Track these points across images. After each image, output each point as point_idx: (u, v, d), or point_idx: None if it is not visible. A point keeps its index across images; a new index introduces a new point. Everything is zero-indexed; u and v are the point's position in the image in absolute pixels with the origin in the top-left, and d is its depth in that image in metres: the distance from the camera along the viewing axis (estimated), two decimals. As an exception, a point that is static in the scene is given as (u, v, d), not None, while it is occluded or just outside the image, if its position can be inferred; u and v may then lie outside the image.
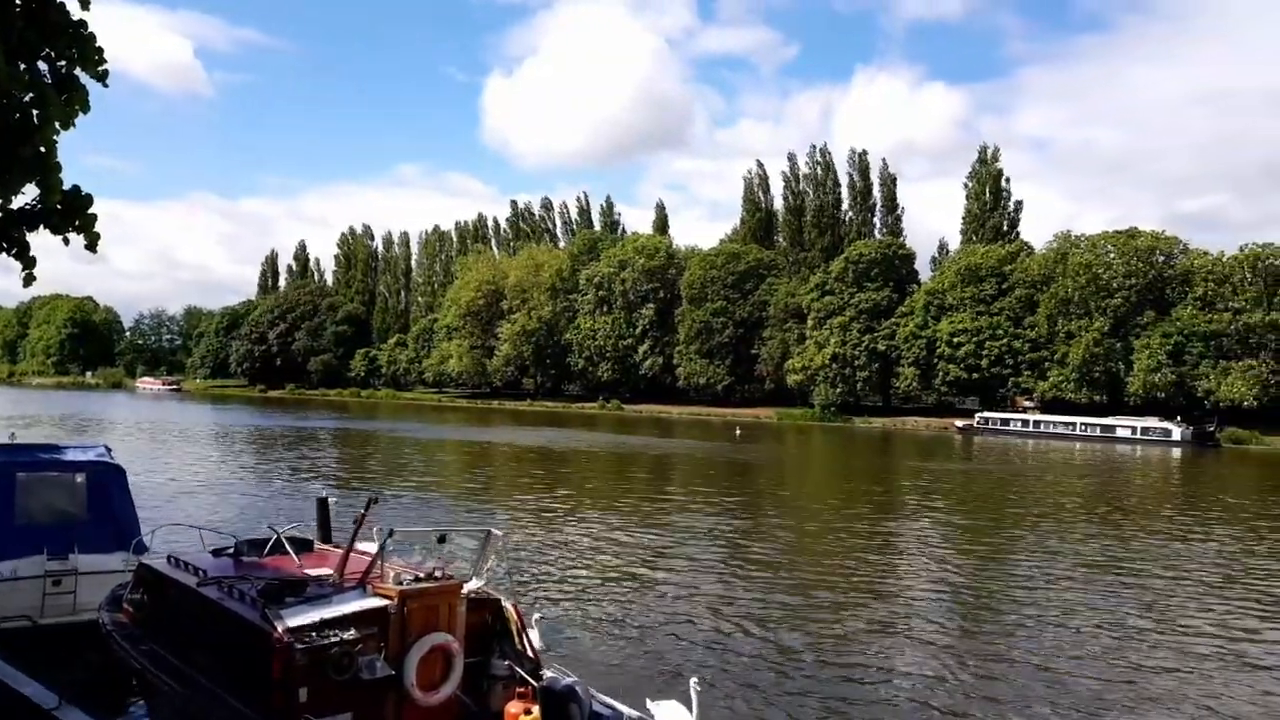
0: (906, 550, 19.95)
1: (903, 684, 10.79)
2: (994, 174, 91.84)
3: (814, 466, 44.95)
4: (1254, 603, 15.69)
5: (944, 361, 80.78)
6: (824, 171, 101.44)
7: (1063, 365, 75.17)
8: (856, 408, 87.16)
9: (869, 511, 26.05)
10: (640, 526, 21.34)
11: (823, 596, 14.98)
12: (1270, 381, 67.45)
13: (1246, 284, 69.87)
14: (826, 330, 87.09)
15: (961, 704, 10.17)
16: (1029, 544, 21.10)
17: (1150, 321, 72.61)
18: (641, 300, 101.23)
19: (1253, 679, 11.45)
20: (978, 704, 10.18)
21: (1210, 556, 19.97)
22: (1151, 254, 74.90)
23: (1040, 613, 14.40)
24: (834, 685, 10.66)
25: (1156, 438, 64.49)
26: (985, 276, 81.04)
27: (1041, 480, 38.38)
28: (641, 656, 11.41)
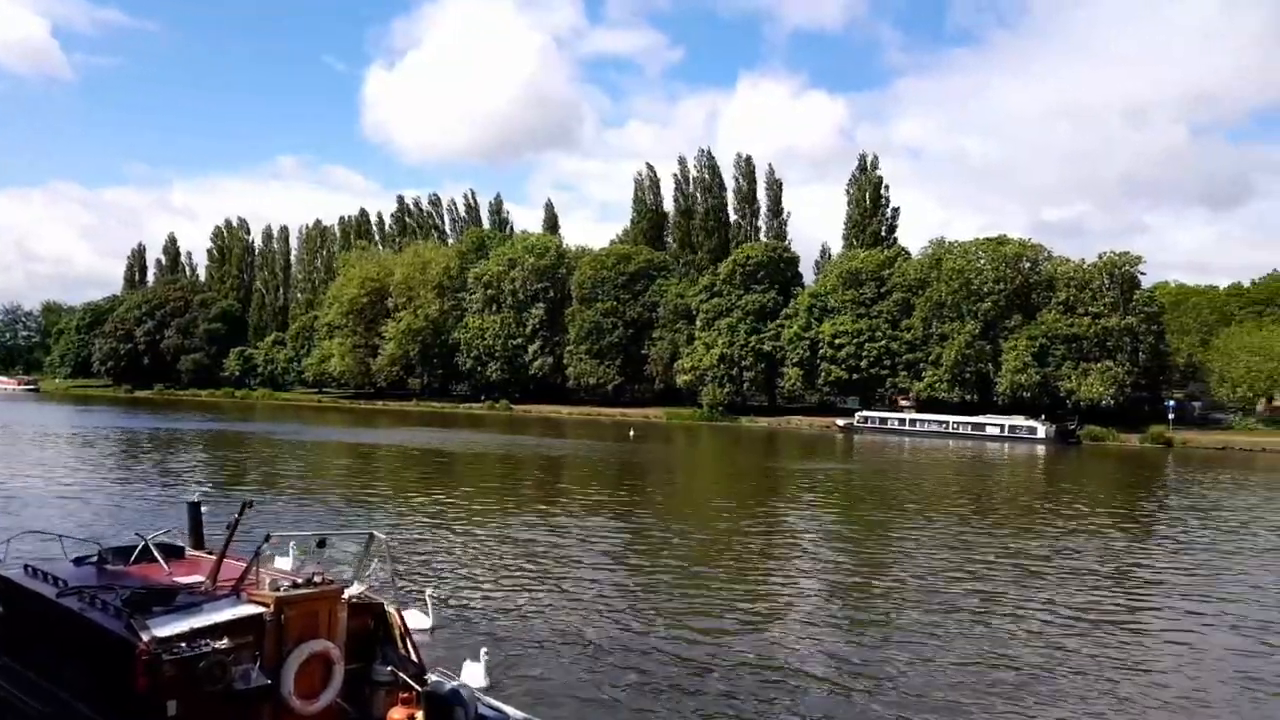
0: (791, 547, 20.43)
1: (781, 674, 11.02)
2: (874, 181, 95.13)
3: (705, 466, 45.57)
4: (1120, 586, 16.72)
5: (826, 362, 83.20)
6: (711, 175, 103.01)
7: (937, 366, 78.48)
8: (743, 407, 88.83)
9: (757, 509, 26.57)
10: (532, 527, 21.16)
11: (710, 592, 15.16)
12: (1125, 382, 72.06)
13: (1105, 290, 74.41)
14: (714, 331, 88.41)
15: (845, 689, 10.47)
16: (907, 538, 21.91)
17: (1017, 325, 76.53)
18: (531, 300, 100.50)
19: (1122, 655, 12.21)
20: (861, 693, 10.50)
21: (1075, 545, 21.18)
22: (1019, 261, 78.97)
23: (919, 602, 14.96)
24: (713, 680, 10.81)
25: (1023, 435, 68.05)
26: (865, 280, 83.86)
27: (918, 477, 39.98)
28: (525, 655, 11.31)
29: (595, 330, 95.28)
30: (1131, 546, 21.61)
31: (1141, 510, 29.89)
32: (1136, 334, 73.52)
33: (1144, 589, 16.77)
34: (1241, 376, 74.76)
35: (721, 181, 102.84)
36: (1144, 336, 74.05)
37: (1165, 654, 12.62)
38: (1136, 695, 10.78)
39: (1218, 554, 20.78)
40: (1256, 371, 74.24)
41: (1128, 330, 73.01)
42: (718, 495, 30.98)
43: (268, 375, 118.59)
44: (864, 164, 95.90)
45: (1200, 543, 22.45)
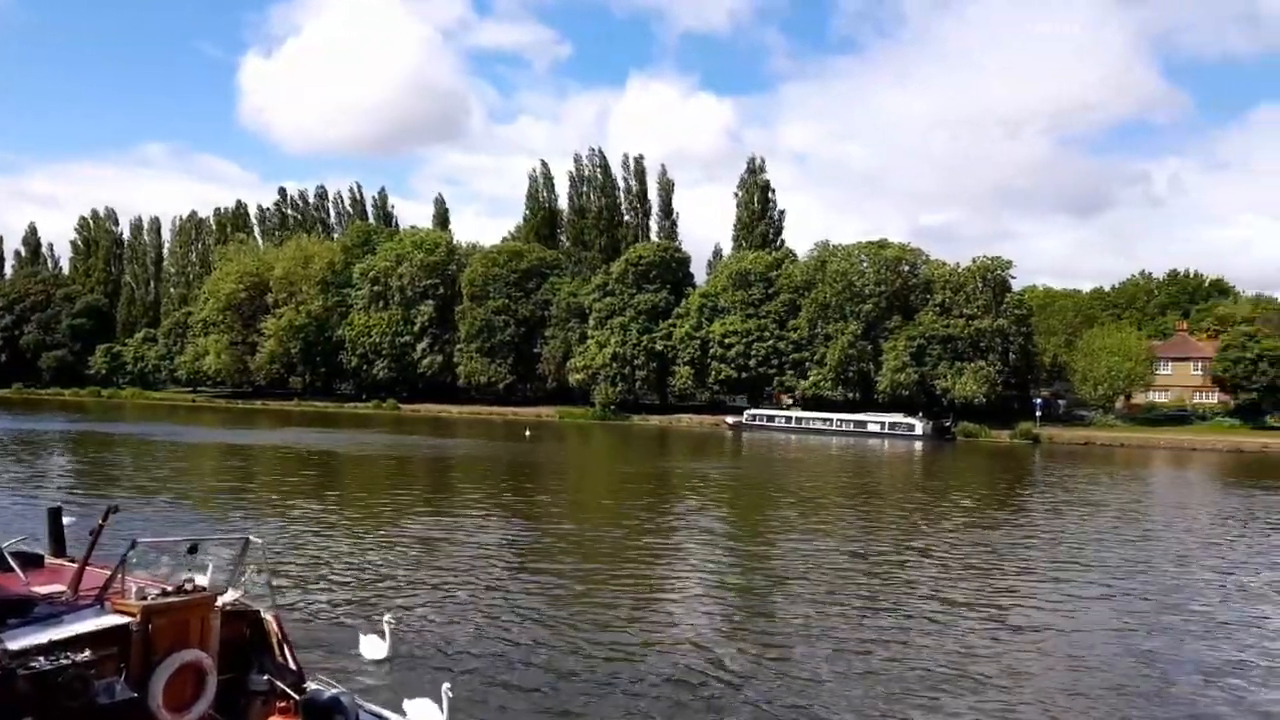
0: (683, 543, 20.66)
1: (664, 667, 11.13)
2: (761, 184, 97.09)
3: (601, 465, 45.63)
4: (996, 571, 17.55)
5: (717, 361, 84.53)
6: (605, 174, 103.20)
7: (821, 365, 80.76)
8: (635, 406, 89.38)
9: (651, 506, 26.77)
10: (428, 530, 20.76)
11: (599, 591, 15.20)
12: (996, 381, 75.72)
13: (978, 293, 77.97)
14: (607, 330, 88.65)
15: (736, 680, 10.66)
16: (795, 534, 22.44)
17: (897, 326, 79.47)
18: (420, 296, 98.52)
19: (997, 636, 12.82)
20: (751, 684, 10.71)
21: (952, 536, 22.14)
22: (898, 264, 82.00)
23: (804, 592, 15.37)
24: (591, 680, 10.85)
25: (902, 432, 70.74)
26: (754, 281, 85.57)
27: (804, 474, 41.05)
28: (407, 659, 11.10)
29: (486, 328, 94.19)
30: (1003, 535, 22.72)
31: (1011, 502, 31.47)
32: (1007, 335, 77.37)
33: (1017, 573, 17.65)
34: (1102, 376, 79.67)
35: (615, 180, 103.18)
36: (1014, 337, 78.00)
37: (1035, 632, 13.30)
38: (1014, 669, 11.36)
39: (1079, 539, 22.06)
40: (1116, 371, 79.26)
41: (999, 331, 76.74)
42: (617, 495, 31.09)
43: (137, 373, 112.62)
44: (752, 167, 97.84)
45: (1064, 530, 23.78)
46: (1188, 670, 11.80)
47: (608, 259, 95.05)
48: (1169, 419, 79.99)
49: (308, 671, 7.21)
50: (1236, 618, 14.72)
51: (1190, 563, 19.70)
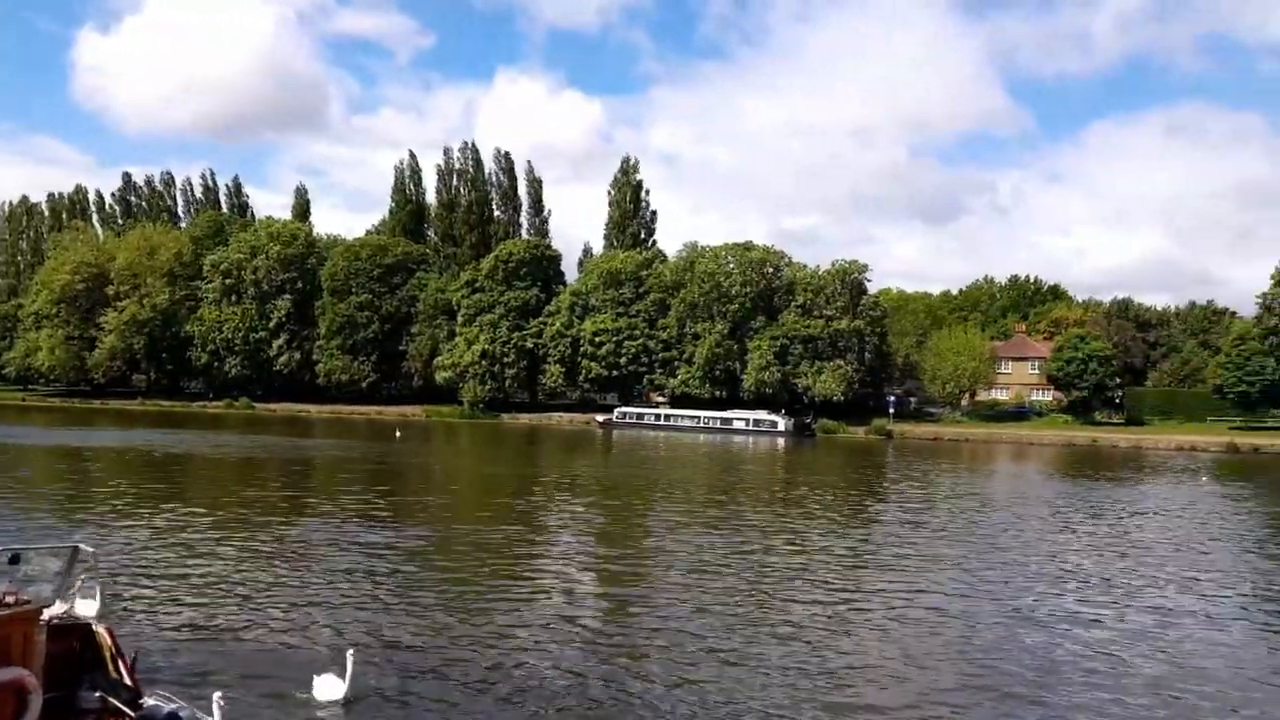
0: (554, 541, 20.52)
1: (533, 664, 11.02)
2: (634, 184, 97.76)
3: (472, 464, 44.83)
4: (853, 559, 18.18)
5: (587, 359, 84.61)
6: (475, 168, 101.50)
7: (690, 364, 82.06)
8: (505, 404, 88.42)
9: (524, 506, 26.49)
10: (289, 538, 19.83)
11: (472, 591, 14.91)
12: (854, 379, 78.81)
13: (837, 295, 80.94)
14: (476, 327, 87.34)
15: (610, 675, 10.63)
16: (663, 530, 22.65)
17: (761, 326, 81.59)
18: (277, 290, 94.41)
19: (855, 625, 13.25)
20: (624, 680, 10.70)
21: (811, 527, 22.82)
22: (763, 266, 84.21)
23: (675, 587, 15.50)
24: (474, 684, 10.64)
25: (766, 429, 72.70)
26: (625, 280, 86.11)
27: (673, 470, 41.55)
28: (256, 672, 10.56)
29: (348, 324, 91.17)
30: (859, 527, 23.62)
31: (867, 495, 32.74)
32: (863, 335, 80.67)
33: (874, 562, 18.35)
34: (949, 375, 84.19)
35: (486, 176, 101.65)
36: (870, 338, 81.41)
37: (887, 615, 13.85)
38: (868, 649, 11.78)
39: (927, 527, 23.18)
40: (961, 370, 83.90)
41: (856, 332, 79.92)
42: (491, 495, 30.60)
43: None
44: (625, 167, 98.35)
45: (915, 521, 24.93)
46: (1026, 655, 12.52)
47: (477, 255, 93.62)
48: (1009, 415, 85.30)
49: (145, 686, 6.71)
50: (1067, 600, 15.75)
51: (1028, 549, 20.97)
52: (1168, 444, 66.34)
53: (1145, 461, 53.60)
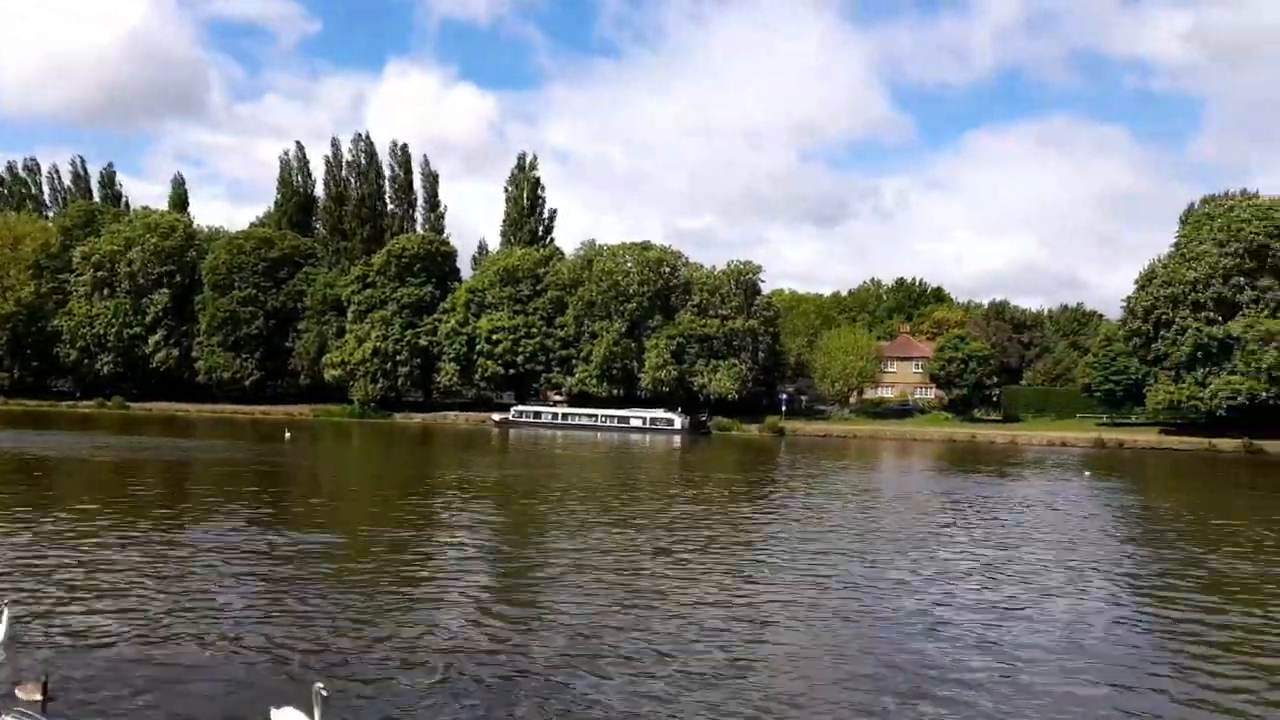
0: (453, 542, 20.18)
1: (436, 666, 10.83)
2: (531, 181, 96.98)
3: (364, 464, 43.67)
4: (746, 551, 18.48)
5: (483, 358, 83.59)
6: (368, 160, 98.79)
7: (588, 362, 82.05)
8: (398, 403, 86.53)
9: (419, 507, 25.96)
10: (169, 541, 18.87)
11: (373, 594, 14.53)
12: (748, 378, 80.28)
13: (731, 295, 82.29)
14: (367, 324, 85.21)
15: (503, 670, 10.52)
16: (561, 528, 22.56)
17: (659, 325, 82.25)
18: (153, 284, 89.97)
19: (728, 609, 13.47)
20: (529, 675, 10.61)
21: (708, 522, 23.12)
22: (661, 265, 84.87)
23: (574, 585, 15.46)
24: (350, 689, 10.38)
25: (663, 427, 73.36)
26: (522, 278, 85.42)
27: (570, 469, 41.45)
28: (170, 691, 10.05)
29: (231, 320, 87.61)
30: (753, 517, 24.07)
31: (759, 490, 33.37)
32: (757, 335, 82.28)
33: (761, 553, 18.71)
34: (838, 373, 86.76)
35: (379, 169, 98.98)
36: (763, 337, 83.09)
37: (779, 608, 14.16)
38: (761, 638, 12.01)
39: (816, 521, 23.81)
40: (850, 369, 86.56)
41: (750, 332, 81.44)
42: (383, 497, 29.85)
43: None
44: (522, 163, 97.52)
45: (802, 514, 25.57)
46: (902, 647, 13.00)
47: (369, 250, 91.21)
48: (894, 412, 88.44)
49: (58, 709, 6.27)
50: (953, 591, 16.43)
51: (913, 542, 21.76)
52: (1041, 440, 69.96)
53: (1021, 457, 56.39)
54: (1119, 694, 10.75)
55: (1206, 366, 66.43)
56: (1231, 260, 66.36)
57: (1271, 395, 63.28)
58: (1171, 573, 18.32)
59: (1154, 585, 17.27)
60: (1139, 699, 10.61)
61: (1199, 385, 66.13)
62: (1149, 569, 18.93)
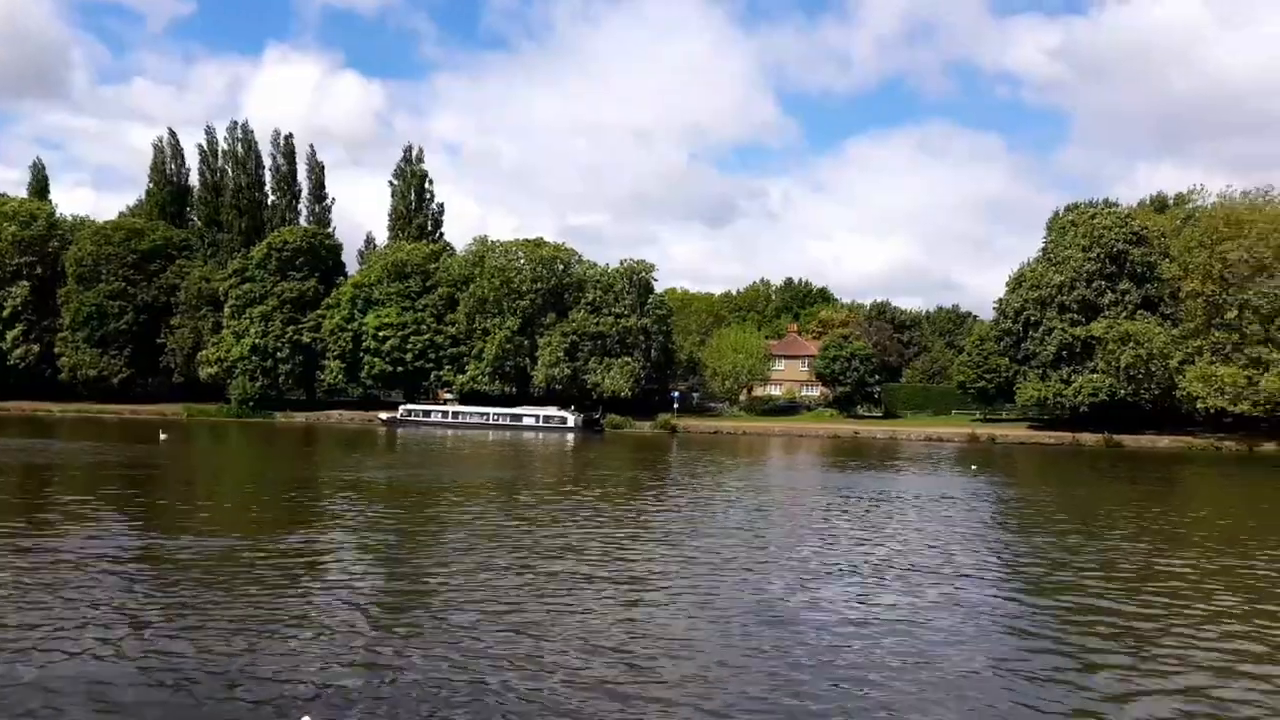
0: (341, 544, 19.55)
1: (311, 675, 10.48)
2: (419, 175, 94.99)
3: (246, 465, 41.88)
4: (640, 545, 18.54)
5: (370, 355, 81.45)
6: (245, 150, 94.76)
7: (479, 360, 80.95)
8: (279, 402, 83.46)
9: (302, 511, 25.06)
10: (38, 549, 17.63)
11: (260, 601, 13.92)
12: (641, 376, 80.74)
13: (625, 293, 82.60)
14: (246, 320, 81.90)
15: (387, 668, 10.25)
16: (451, 527, 22.17)
17: (552, 322, 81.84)
18: (12, 276, 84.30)
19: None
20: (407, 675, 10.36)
21: (598, 519, 23.11)
22: (554, 262, 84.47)
23: (465, 584, 15.20)
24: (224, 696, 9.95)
25: (556, 425, 73.02)
26: (411, 274, 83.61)
27: (461, 468, 40.81)
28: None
29: (97, 315, 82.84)
30: (641, 516, 24.20)
31: (650, 486, 33.60)
32: (650, 333, 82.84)
33: (649, 549, 18.83)
34: (728, 371, 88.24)
35: (259, 158, 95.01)
36: (656, 335, 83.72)
37: (667, 594, 14.27)
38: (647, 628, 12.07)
39: (704, 517, 24.13)
40: (740, 367, 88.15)
41: (643, 330, 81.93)
42: (268, 498, 28.66)
43: None
44: (409, 156, 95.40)
45: (690, 509, 25.87)
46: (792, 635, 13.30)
47: (248, 242, 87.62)
48: (782, 409, 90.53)
49: None
50: (835, 584, 16.90)
51: (797, 532, 22.30)
52: (919, 435, 72.80)
53: (901, 451, 58.52)
54: (1004, 679, 11.24)
55: (1071, 365, 70.45)
56: (1094, 265, 70.52)
57: (1129, 392, 67.57)
58: (1059, 561, 19.29)
59: (1039, 572, 18.15)
60: (1019, 683, 11.12)
61: (1064, 383, 70.08)
62: (1027, 555, 19.89)
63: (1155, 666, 11.76)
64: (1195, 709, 10.25)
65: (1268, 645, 12.84)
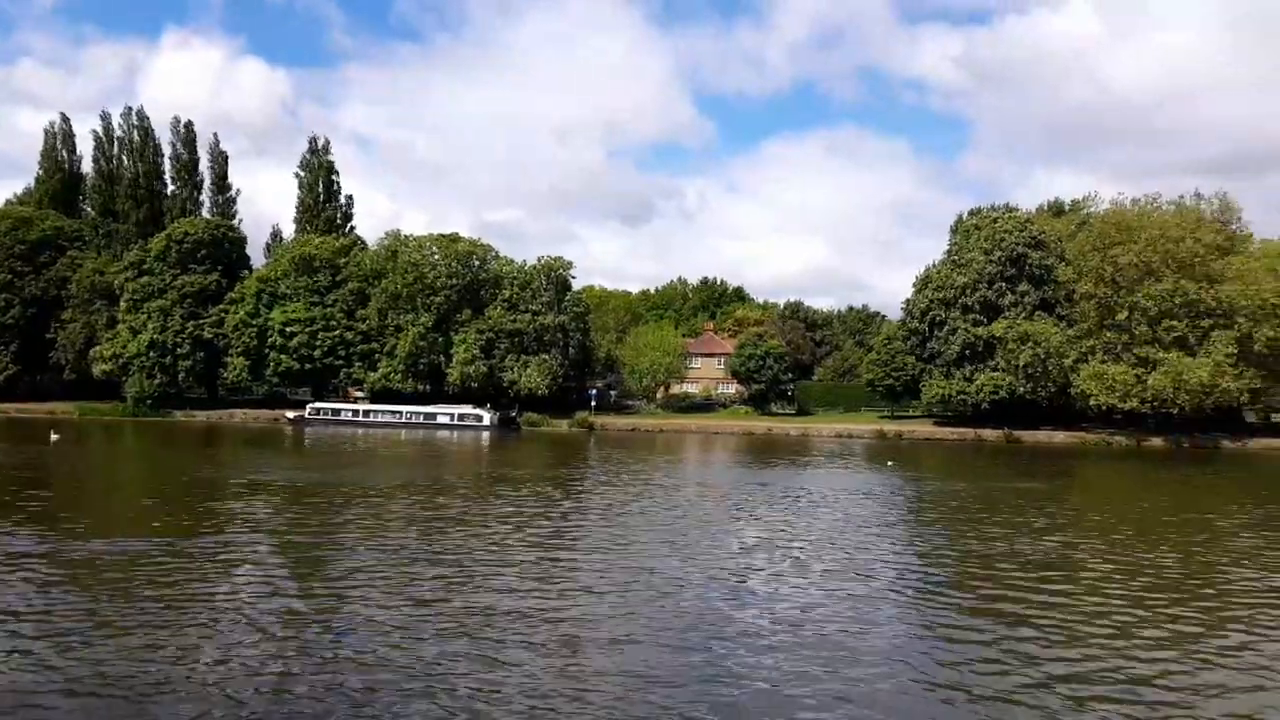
0: (244, 549, 18.83)
1: (211, 685, 10.06)
2: (326, 166, 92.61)
3: (144, 467, 40.05)
4: (556, 542, 18.38)
5: (276, 351, 78.96)
6: (144, 137, 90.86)
7: (391, 357, 79.26)
8: (179, 400, 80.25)
9: (200, 514, 24.08)
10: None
11: (160, 608, 13.28)
12: (558, 373, 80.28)
13: (542, 290, 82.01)
14: (144, 315, 78.51)
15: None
16: (360, 529, 21.60)
17: (468, 319, 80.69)
18: (-118, 266, 78.94)
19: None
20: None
21: (512, 517, 22.85)
22: (470, 258, 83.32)
23: (369, 587, 14.82)
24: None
25: (471, 423, 72.03)
26: (320, 268, 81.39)
27: (372, 468, 39.89)
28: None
29: (-19, 308, 78.23)
30: (556, 515, 24.04)
31: (566, 484, 33.44)
32: (568, 330, 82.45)
33: (562, 547, 18.71)
34: (646, 369, 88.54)
35: (157, 146, 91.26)
36: (573, 333, 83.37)
37: (583, 589, 14.19)
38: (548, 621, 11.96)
39: (623, 512, 24.12)
40: (657, 365, 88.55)
41: (560, 327, 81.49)
42: (156, 505, 27.44)
43: None
44: (315, 146, 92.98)
45: (605, 506, 25.84)
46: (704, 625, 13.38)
47: (146, 234, 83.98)
48: (698, 407, 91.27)
49: None
50: (749, 579, 17.07)
51: (712, 532, 22.48)
52: (830, 431, 74.35)
53: (813, 448, 59.66)
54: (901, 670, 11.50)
55: (973, 364, 72.92)
56: (995, 267, 73.13)
57: (1027, 390, 70.30)
58: (970, 553, 19.86)
59: (953, 565, 18.65)
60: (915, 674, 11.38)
61: (966, 381, 72.51)
62: (943, 548, 20.43)
63: (1058, 653, 12.20)
64: (1092, 692, 10.66)
65: (1160, 628, 13.48)
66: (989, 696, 10.57)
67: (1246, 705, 10.41)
